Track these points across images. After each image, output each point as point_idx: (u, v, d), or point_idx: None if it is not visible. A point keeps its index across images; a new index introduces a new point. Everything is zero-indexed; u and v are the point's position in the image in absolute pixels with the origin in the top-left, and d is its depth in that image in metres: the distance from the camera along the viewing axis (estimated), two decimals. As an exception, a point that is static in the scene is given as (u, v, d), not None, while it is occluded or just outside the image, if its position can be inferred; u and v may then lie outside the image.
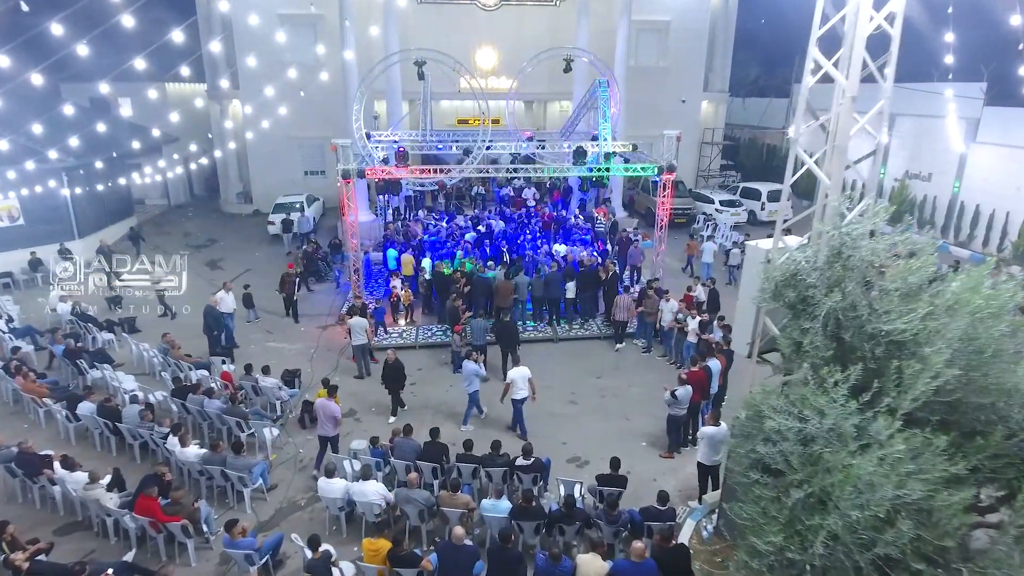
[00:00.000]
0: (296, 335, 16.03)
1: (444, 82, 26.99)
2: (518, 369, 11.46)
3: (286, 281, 16.54)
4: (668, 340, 14.61)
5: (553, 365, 14.47)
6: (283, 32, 26.61)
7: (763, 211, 26.60)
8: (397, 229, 20.54)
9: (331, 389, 10.80)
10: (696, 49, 29.51)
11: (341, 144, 15.03)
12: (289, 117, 27.40)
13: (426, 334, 15.79)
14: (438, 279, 16.14)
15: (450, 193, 27.00)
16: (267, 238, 24.49)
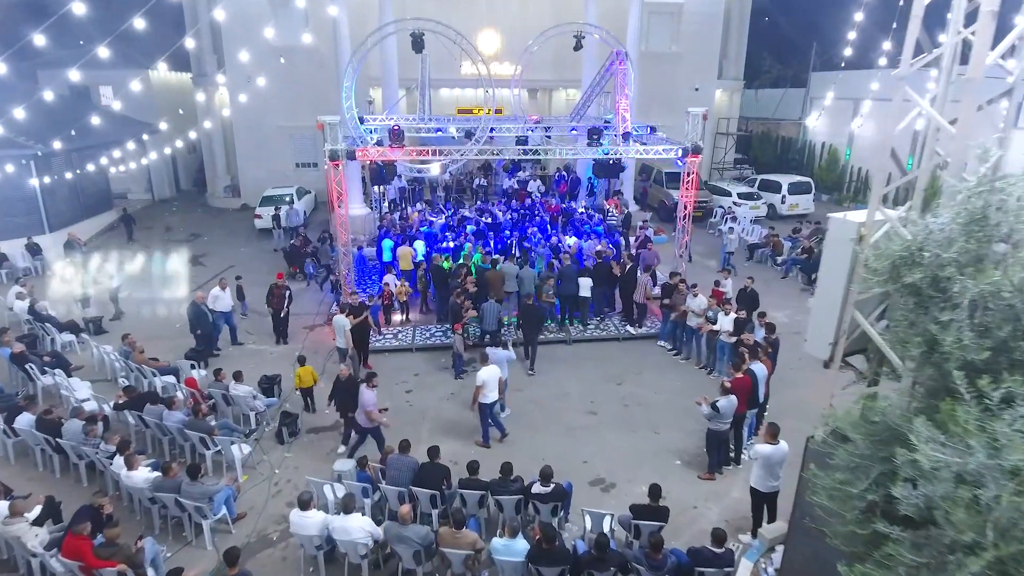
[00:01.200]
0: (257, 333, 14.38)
1: (444, 67, 25.49)
2: (488, 368, 10.04)
3: (275, 294, 13.78)
4: (695, 340, 12.98)
5: (568, 370, 12.84)
6: (273, 15, 25.26)
7: (783, 204, 24.99)
8: (393, 220, 18.89)
9: (369, 376, 9.81)
10: (710, 34, 27.93)
11: (329, 122, 13.39)
12: (279, 106, 25.92)
13: (423, 335, 14.14)
14: (436, 274, 14.51)
15: (450, 185, 25.45)
16: (254, 233, 22.86)
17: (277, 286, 13.85)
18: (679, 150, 14.20)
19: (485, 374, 9.97)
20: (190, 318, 13.01)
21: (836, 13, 38.81)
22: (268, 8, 25.08)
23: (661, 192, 24.82)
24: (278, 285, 13.87)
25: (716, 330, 12.11)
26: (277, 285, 13.87)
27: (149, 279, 18.54)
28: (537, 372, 12.72)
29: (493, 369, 10.10)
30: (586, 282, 13.80)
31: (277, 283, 13.93)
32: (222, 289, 13.66)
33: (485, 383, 9.89)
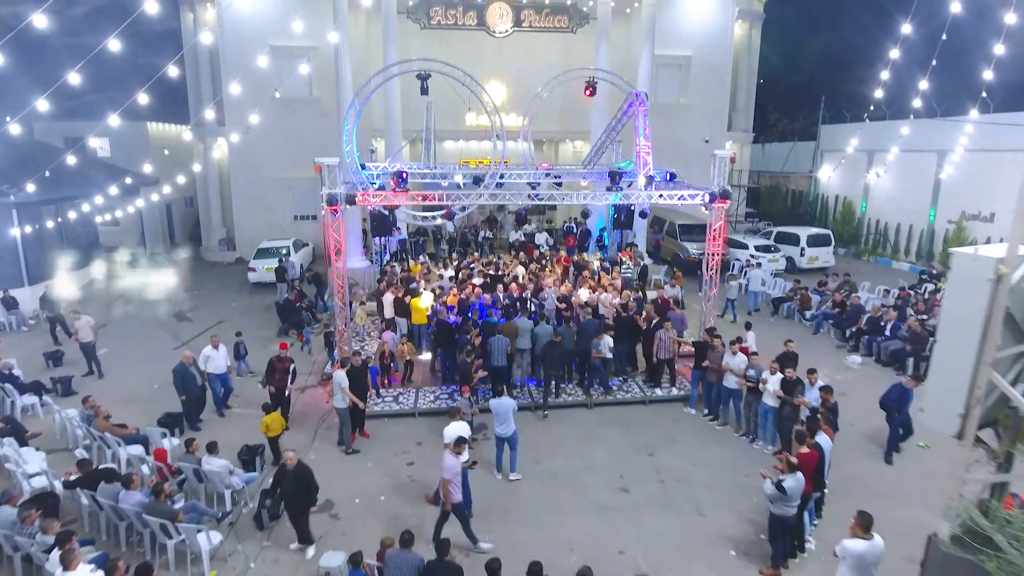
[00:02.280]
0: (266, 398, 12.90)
1: (448, 119, 24.91)
2: (457, 424, 9.14)
3: (276, 368, 11.32)
4: (733, 404, 11.54)
5: (591, 437, 11.35)
6: (274, 65, 24.79)
7: (803, 257, 23.88)
8: (394, 273, 17.67)
9: (458, 441, 8.40)
10: (719, 86, 27.51)
11: (327, 164, 12.35)
12: (278, 156, 25.16)
13: (427, 398, 12.70)
14: (441, 330, 13.20)
15: (454, 238, 24.42)
16: (247, 287, 21.65)
17: (279, 359, 11.45)
18: (705, 195, 13.11)
19: (451, 430, 8.91)
20: (176, 381, 11.55)
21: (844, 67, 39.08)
22: (270, 57, 24.59)
23: (675, 244, 23.75)
24: (280, 358, 11.45)
25: (757, 390, 10.71)
26: (279, 358, 11.46)
27: (129, 333, 17.18)
28: (556, 440, 11.24)
29: (461, 426, 9.14)
30: (607, 342, 12.45)
31: (279, 355, 11.53)
32: (214, 348, 12.18)
33: (452, 440, 8.65)
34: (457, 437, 8.46)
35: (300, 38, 24.39)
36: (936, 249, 24.10)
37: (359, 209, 21.42)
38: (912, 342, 14.31)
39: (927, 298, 17.04)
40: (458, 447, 8.24)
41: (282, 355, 11.53)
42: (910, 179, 25.23)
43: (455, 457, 8.06)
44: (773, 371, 10.55)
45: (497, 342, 12.10)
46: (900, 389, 10.26)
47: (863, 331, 15.75)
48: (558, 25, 22.44)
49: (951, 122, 22.42)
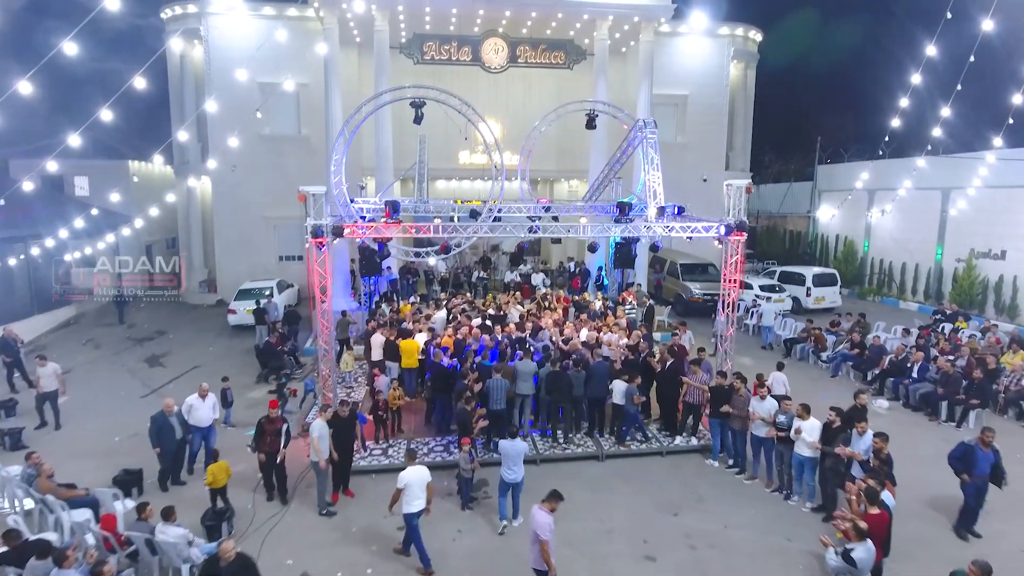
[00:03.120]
0: (238, 452, 11.52)
1: (442, 157, 24.21)
2: (415, 469, 8.33)
3: (266, 431, 9.58)
4: (764, 455, 10.35)
5: (605, 495, 10.07)
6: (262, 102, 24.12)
7: (809, 297, 23.01)
8: (383, 312, 16.53)
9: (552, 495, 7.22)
10: (716, 126, 27.14)
11: (312, 192, 11.36)
12: (264, 195, 24.19)
13: (420, 450, 11.39)
14: (436, 375, 12.01)
15: (446, 279, 23.39)
16: (227, 330, 20.38)
17: (269, 420, 9.65)
18: (721, 227, 12.21)
19: (409, 475, 8.16)
20: (152, 432, 10.11)
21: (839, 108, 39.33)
22: (258, 95, 23.92)
23: (678, 284, 22.84)
24: (270, 419, 9.66)
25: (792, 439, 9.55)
26: (269, 419, 9.66)
27: (94, 379, 15.81)
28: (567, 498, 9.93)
29: (419, 471, 8.30)
30: (620, 387, 11.31)
31: (270, 415, 9.72)
32: (201, 397, 10.71)
33: (408, 486, 8.08)
34: (551, 491, 7.23)
35: (288, 74, 23.81)
36: (945, 288, 23.34)
37: (347, 248, 20.67)
38: (944, 385, 13.27)
39: (947, 338, 16.10)
40: (552, 502, 7.08)
41: (272, 415, 9.82)
42: (914, 217, 24.65)
43: (548, 513, 6.95)
44: (799, 415, 9.41)
45: (495, 384, 10.99)
46: (963, 447, 8.81)
47: (887, 373, 14.70)
48: (554, 61, 22.01)
49: (956, 159, 21.95)
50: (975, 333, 17.25)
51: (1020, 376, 13.39)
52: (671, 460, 11.31)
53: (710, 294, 21.96)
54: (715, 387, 11.03)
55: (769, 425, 9.95)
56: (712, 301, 22.01)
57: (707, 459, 11.26)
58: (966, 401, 12.85)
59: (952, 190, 22.87)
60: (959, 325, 18.06)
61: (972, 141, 21.46)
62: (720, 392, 10.82)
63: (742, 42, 27.45)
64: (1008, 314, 20.39)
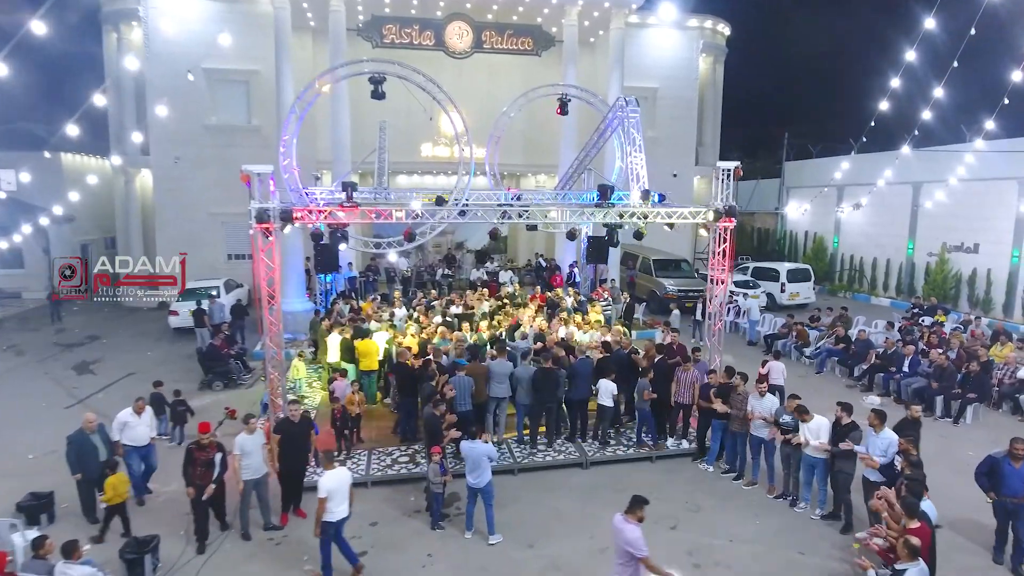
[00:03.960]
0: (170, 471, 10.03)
1: (403, 150, 22.93)
2: (335, 473, 7.27)
3: (196, 461, 7.75)
4: (765, 458, 9.42)
5: (593, 506, 8.98)
6: (208, 90, 22.51)
7: (783, 293, 22.48)
8: (341, 311, 15.17)
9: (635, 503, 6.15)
10: (686, 120, 26.53)
11: (257, 172, 10.02)
12: (211, 191, 22.47)
13: (383, 461, 10.12)
14: (401, 374, 10.77)
15: (408, 277, 22.09)
16: (168, 334, 18.69)
17: (199, 446, 7.75)
18: (709, 212, 11.30)
19: (330, 482, 7.11)
20: (70, 455, 8.43)
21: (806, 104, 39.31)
22: (203, 82, 22.26)
23: (651, 281, 22.02)
24: (200, 445, 7.75)
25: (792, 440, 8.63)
26: (200, 445, 7.76)
27: (12, 390, 14.05)
28: (551, 512, 8.85)
29: (341, 473, 7.32)
30: (608, 386, 10.24)
31: (199, 441, 7.80)
32: (136, 413, 9.09)
33: (330, 494, 7.07)
34: (634, 498, 6.16)
35: (237, 60, 22.25)
36: (917, 283, 23.10)
37: (301, 244, 19.18)
38: (938, 379, 12.63)
39: (933, 331, 15.56)
40: (637, 511, 6.02)
41: (204, 440, 7.82)
42: (885, 212, 24.41)
43: (636, 524, 5.91)
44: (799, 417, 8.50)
45: (459, 383, 9.86)
46: (990, 461, 7.59)
47: (876, 368, 14.04)
48: (522, 47, 20.95)
49: (928, 153, 21.66)
50: (957, 326, 16.82)
51: (1014, 369, 12.85)
52: (662, 466, 10.31)
53: (685, 290, 21.24)
54: (720, 385, 10.02)
55: (771, 425, 9.03)
56: (688, 298, 21.38)
57: (701, 463, 10.28)
58: (963, 395, 12.22)
59: (923, 184, 22.66)
60: (938, 318, 17.63)
61: (944, 135, 21.21)
62: (724, 389, 9.84)
63: (711, 35, 26.95)
64: (982, 308, 20.14)
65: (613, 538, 6.02)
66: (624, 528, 5.85)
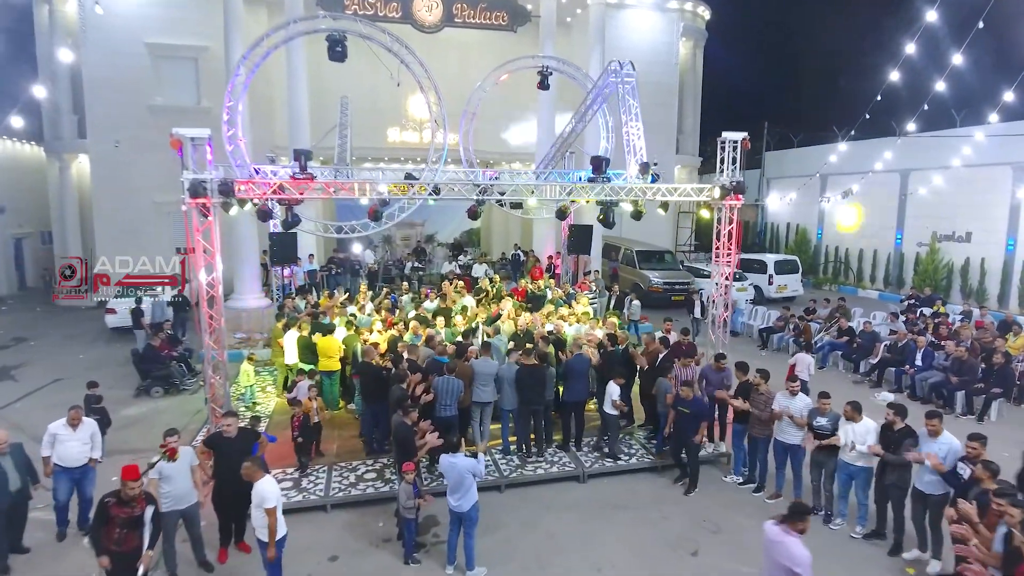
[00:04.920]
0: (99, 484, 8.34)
1: (368, 135, 21.29)
2: (265, 482, 5.89)
3: (113, 520, 5.53)
4: (792, 467, 8.14)
5: (597, 526, 7.61)
6: (152, 68, 20.57)
7: (771, 286, 21.49)
8: (296, 306, 13.53)
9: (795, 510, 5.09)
10: (666, 106, 25.37)
11: (191, 137, 8.42)
12: (156, 178, 20.44)
13: (345, 479, 8.58)
14: (367, 375, 9.24)
15: (375, 272, 20.46)
16: (105, 334, 16.78)
17: (120, 501, 5.55)
18: (715, 189, 10.05)
19: (275, 488, 5.94)
20: None
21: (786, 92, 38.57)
22: (147, 58, 20.31)
23: (635, 274, 20.79)
24: (121, 500, 5.56)
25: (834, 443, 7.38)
26: (121, 500, 5.56)
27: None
28: (545, 536, 7.44)
29: (268, 485, 5.90)
30: (613, 389, 8.85)
31: (122, 494, 5.54)
32: (71, 426, 7.28)
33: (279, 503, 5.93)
34: (793, 506, 5.08)
35: (185, 35, 20.35)
36: (907, 275, 22.34)
37: (255, 234, 17.41)
38: (958, 372, 11.59)
39: (939, 321, 14.59)
40: (797, 521, 4.93)
41: (130, 490, 5.53)
42: (871, 202, 23.64)
43: (799, 538, 4.85)
44: (849, 416, 7.24)
45: (445, 385, 8.39)
46: None
47: (886, 362, 12.99)
48: (496, 22, 19.48)
49: (915, 140, 20.85)
50: (960, 316, 15.94)
51: (1034, 360, 11.91)
52: (668, 475, 8.97)
53: (671, 283, 20.09)
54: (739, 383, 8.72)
55: (802, 428, 7.76)
56: (674, 291, 20.24)
57: (727, 476, 8.96)
58: (987, 390, 11.18)
59: (912, 172, 21.93)
60: (938, 309, 16.74)
61: (932, 121, 20.46)
62: (743, 388, 8.54)
63: (691, 18, 25.87)
64: (976, 298, 19.40)
65: (764, 552, 4.93)
66: (786, 541, 4.83)
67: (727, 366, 9.08)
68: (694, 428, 8.18)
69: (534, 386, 8.79)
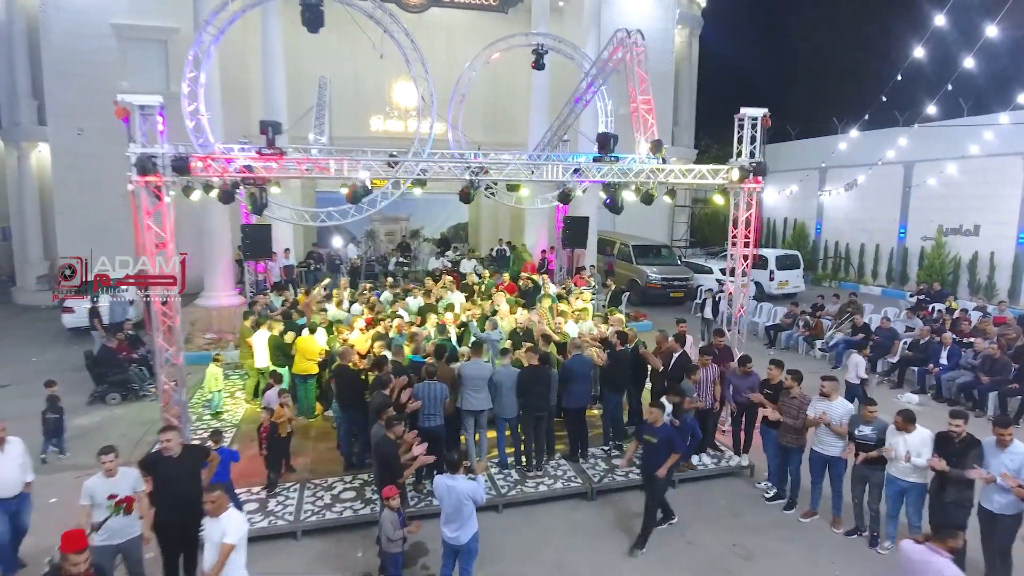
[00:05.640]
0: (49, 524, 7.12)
1: (349, 124, 20.23)
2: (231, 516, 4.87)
3: None
4: (832, 480, 7.15)
5: (605, 554, 6.58)
6: (118, 50, 19.30)
7: (772, 282, 20.61)
8: (270, 304, 12.40)
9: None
10: (662, 95, 24.29)
11: (139, 105, 7.30)
12: (122, 168, 19.11)
13: (320, 499, 7.48)
14: (343, 379, 8.12)
15: (357, 267, 19.32)
16: (63, 335, 15.50)
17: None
18: (735, 170, 9.08)
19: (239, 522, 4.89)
20: None
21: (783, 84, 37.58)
22: (113, 41, 19.03)
23: (631, 269, 19.81)
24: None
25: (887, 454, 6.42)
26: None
27: None
28: (554, 567, 6.39)
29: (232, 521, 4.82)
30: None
31: (65, 569, 4.15)
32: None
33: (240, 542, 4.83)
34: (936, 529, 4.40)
35: (154, 16, 19.08)
36: (911, 270, 21.56)
37: (227, 227, 16.20)
38: (990, 372, 10.72)
39: (958, 317, 13.74)
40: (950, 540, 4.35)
41: (72, 570, 4.15)
42: (873, 195, 22.83)
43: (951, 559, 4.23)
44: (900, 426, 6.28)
45: (426, 391, 7.31)
46: None
47: (908, 361, 12.10)
48: (485, 1, 18.43)
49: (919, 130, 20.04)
50: (976, 312, 15.12)
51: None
52: (687, 492, 7.97)
53: (669, 279, 19.15)
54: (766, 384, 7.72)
55: (841, 438, 6.80)
56: (672, 287, 19.30)
57: (760, 483, 7.98)
58: (1022, 391, 10.31)
59: (916, 163, 21.14)
60: (950, 304, 15.91)
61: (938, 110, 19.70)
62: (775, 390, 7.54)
63: (687, 4, 25.01)
64: (985, 294, 18.63)
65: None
66: (935, 562, 4.18)
67: (754, 370, 8.08)
68: (661, 460, 6.54)
69: (539, 390, 7.75)
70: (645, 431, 6.72)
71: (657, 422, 6.62)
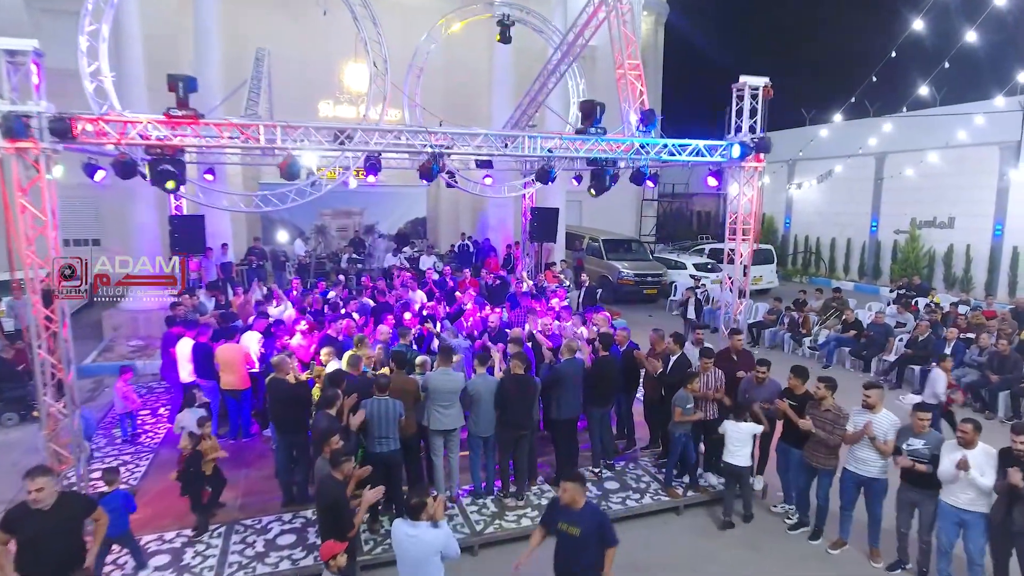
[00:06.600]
0: None
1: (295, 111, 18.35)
2: None
3: None
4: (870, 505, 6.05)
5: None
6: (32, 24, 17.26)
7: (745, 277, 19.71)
8: (200, 306, 10.75)
9: None
10: (628, 84, 23.42)
11: (10, 51, 5.72)
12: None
13: (252, 546, 6.01)
14: (277, 396, 6.61)
15: (306, 265, 17.68)
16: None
17: None
18: (735, 147, 7.96)
19: None
20: None
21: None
22: (25, 15, 16.94)
23: (601, 265, 18.66)
24: None
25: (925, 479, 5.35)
26: None
27: None
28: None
29: None
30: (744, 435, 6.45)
31: None
32: None
33: None
34: None
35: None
36: (884, 264, 21.06)
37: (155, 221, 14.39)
38: (999, 370, 9.90)
39: (946, 313, 13.03)
40: None
41: None
42: (843, 188, 22.31)
43: None
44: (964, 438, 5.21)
45: (378, 408, 5.93)
46: None
47: (907, 359, 11.24)
48: (444, -22, 17.02)
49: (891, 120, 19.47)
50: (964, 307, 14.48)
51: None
52: (692, 519, 6.78)
53: (642, 275, 18.10)
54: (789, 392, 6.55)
55: (886, 456, 5.69)
56: (645, 283, 18.26)
57: (775, 506, 6.85)
58: (1034, 390, 9.53)
59: (888, 154, 20.62)
60: (932, 299, 15.27)
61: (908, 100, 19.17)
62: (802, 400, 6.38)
63: (652, -12, 24.08)
64: (961, 287, 18.17)
65: None
66: None
67: (769, 376, 6.92)
68: (590, 561, 4.51)
69: (524, 402, 6.45)
70: (560, 517, 4.60)
71: (577, 503, 4.55)
